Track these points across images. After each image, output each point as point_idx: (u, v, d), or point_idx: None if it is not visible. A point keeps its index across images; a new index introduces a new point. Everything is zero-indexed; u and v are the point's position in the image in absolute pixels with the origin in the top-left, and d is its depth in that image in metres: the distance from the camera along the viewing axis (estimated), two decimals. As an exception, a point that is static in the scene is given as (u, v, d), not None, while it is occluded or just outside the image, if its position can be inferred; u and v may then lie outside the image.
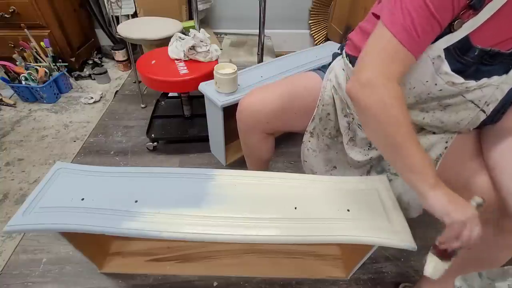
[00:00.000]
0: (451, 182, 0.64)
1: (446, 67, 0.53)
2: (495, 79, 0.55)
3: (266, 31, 1.38)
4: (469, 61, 0.53)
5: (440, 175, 0.66)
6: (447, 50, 0.53)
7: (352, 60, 0.72)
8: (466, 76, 0.54)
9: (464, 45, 0.52)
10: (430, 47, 0.53)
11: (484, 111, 0.58)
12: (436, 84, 0.55)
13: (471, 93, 0.56)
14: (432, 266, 0.54)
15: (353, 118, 0.75)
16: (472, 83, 0.55)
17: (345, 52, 0.74)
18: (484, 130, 0.63)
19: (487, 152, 0.60)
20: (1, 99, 1.63)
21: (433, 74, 0.54)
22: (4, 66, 1.56)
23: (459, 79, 0.54)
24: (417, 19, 0.49)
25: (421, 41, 0.51)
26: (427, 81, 0.56)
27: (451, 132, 0.67)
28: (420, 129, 0.70)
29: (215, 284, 0.93)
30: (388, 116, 0.51)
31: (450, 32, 0.51)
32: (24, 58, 1.63)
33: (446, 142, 0.67)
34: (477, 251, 0.63)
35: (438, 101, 0.59)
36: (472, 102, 0.57)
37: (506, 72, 0.54)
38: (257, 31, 1.35)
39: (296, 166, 1.35)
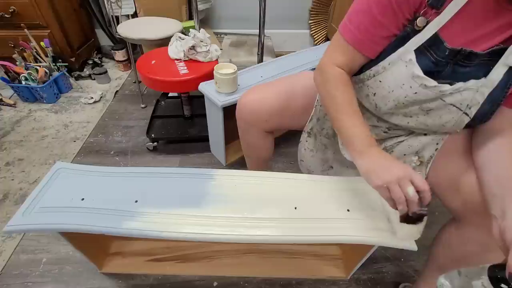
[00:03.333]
0: (442, 183, 0.65)
1: (417, 70, 0.54)
2: (472, 83, 0.54)
3: (266, 31, 1.38)
4: (441, 60, 0.54)
5: (432, 177, 0.68)
6: (418, 51, 0.54)
7: None
8: (443, 78, 0.55)
9: (435, 42, 0.53)
10: (402, 51, 0.55)
11: (467, 114, 0.58)
12: (411, 87, 0.56)
13: (450, 96, 0.56)
14: (403, 230, 0.58)
15: None
16: (446, 87, 0.54)
17: None
18: (475, 130, 0.63)
19: (475, 152, 0.60)
20: (1, 99, 1.63)
21: (408, 77, 0.56)
22: (4, 66, 1.56)
23: (431, 82, 0.54)
24: (362, 20, 0.57)
25: (366, 39, 0.58)
26: (403, 84, 0.57)
27: (442, 133, 0.67)
28: (411, 131, 0.70)
29: (215, 284, 0.93)
30: (325, 91, 0.64)
31: (415, 30, 0.53)
32: (24, 58, 1.63)
33: (437, 143, 0.67)
34: (471, 253, 0.63)
35: (418, 105, 0.60)
36: (454, 105, 0.57)
37: (485, 75, 0.54)
38: (257, 31, 1.35)
39: (296, 166, 1.34)
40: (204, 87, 1.09)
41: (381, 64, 0.59)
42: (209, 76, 1.13)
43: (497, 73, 0.53)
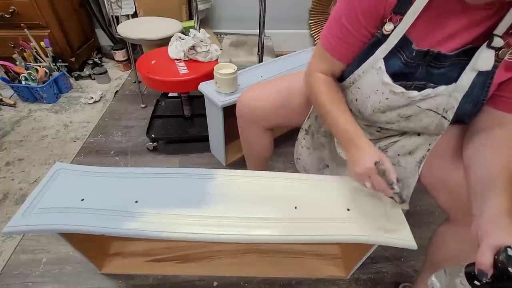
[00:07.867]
0: (434, 183, 0.66)
1: (386, 77, 0.57)
2: (442, 89, 0.55)
3: (266, 31, 1.38)
4: (410, 62, 0.55)
5: (424, 176, 0.68)
6: (390, 53, 0.56)
7: None
8: (418, 79, 0.57)
9: (405, 44, 0.55)
10: (372, 60, 0.58)
11: (445, 117, 0.59)
12: (383, 93, 0.59)
13: (424, 102, 0.57)
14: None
15: None
16: (414, 93, 0.56)
17: None
18: (466, 130, 0.64)
19: (464, 152, 0.61)
20: (1, 99, 1.63)
21: (379, 83, 0.59)
22: (4, 66, 1.55)
23: (398, 88, 0.57)
24: (334, 28, 0.60)
25: (338, 46, 0.61)
26: (377, 90, 0.60)
27: (434, 134, 0.67)
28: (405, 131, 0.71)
29: (215, 284, 0.94)
30: (313, 96, 0.69)
31: (384, 34, 0.55)
32: (24, 58, 1.63)
33: (430, 144, 0.68)
34: (463, 252, 0.63)
35: (396, 112, 0.61)
36: (430, 110, 0.58)
37: (455, 80, 0.54)
38: (257, 31, 1.35)
39: (296, 166, 1.35)
40: (204, 87, 1.09)
41: (357, 72, 0.62)
42: (209, 76, 1.13)
43: (467, 78, 0.54)
